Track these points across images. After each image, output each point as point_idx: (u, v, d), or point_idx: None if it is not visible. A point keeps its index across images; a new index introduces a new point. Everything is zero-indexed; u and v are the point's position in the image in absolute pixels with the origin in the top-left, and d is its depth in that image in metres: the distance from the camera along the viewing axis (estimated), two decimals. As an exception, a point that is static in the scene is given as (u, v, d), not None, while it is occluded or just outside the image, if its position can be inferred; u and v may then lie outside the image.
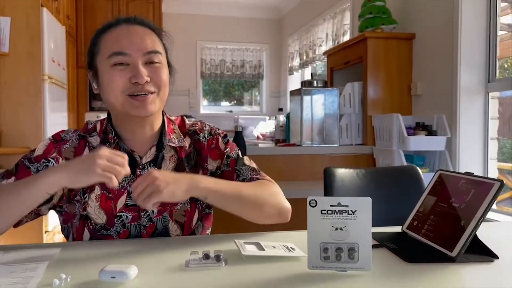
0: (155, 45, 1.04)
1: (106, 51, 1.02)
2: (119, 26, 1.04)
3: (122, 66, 1.00)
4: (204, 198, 0.98)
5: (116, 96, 1.01)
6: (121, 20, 1.05)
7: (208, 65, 6.22)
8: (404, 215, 1.07)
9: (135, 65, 1.00)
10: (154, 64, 1.03)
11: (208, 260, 0.80)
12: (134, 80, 0.99)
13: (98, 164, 0.84)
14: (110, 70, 1.01)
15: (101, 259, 0.85)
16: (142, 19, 1.07)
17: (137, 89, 1.00)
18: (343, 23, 4.34)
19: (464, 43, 2.52)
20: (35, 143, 2.95)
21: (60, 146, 1.06)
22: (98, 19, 4.68)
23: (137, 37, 1.02)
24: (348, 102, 3.02)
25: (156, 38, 1.06)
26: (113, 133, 1.07)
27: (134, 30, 1.03)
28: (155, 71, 1.03)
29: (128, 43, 1.01)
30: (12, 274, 0.75)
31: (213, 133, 1.16)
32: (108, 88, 1.02)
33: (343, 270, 0.76)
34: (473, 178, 0.93)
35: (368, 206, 0.76)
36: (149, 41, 1.03)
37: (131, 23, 1.05)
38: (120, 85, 1.00)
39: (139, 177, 1.03)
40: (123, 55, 1.00)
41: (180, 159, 1.10)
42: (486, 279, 0.77)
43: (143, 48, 1.01)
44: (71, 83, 4.22)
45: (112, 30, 1.04)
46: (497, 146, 2.57)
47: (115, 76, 1.00)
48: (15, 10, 2.97)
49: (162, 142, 1.09)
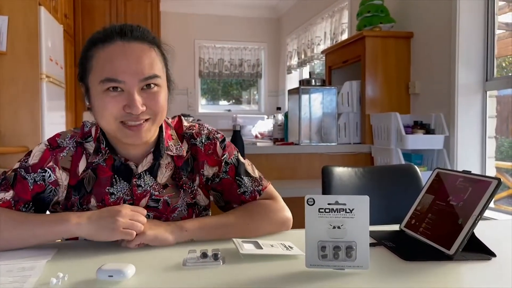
0: (154, 66, 0.94)
1: (98, 72, 0.93)
2: (114, 42, 0.93)
3: (116, 91, 0.92)
4: (191, 240, 0.95)
5: (109, 123, 0.94)
6: (115, 33, 0.94)
7: (206, 64, 6.21)
8: (402, 213, 1.07)
9: (130, 92, 0.91)
10: (151, 89, 0.94)
11: (206, 258, 0.80)
12: (128, 110, 0.92)
13: (121, 224, 0.86)
14: (102, 95, 0.92)
15: (99, 258, 0.85)
16: (140, 31, 0.96)
17: (131, 118, 0.93)
18: (341, 22, 4.34)
19: (462, 42, 2.52)
20: (32, 142, 2.97)
21: (57, 154, 1.00)
22: (96, 18, 4.67)
23: (133, 58, 0.92)
24: (346, 101, 3.02)
25: (155, 55, 0.96)
26: (104, 144, 1.01)
27: (130, 50, 0.93)
28: (152, 98, 0.94)
29: (123, 67, 0.91)
30: (9, 273, 0.75)
31: (211, 137, 1.09)
32: (100, 113, 0.94)
33: (341, 269, 0.76)
34: (470, 176, 0.93)
35: (365, 205, 0.76)
36: (146, 62, 0.93)
37: (127, 40, 0.93)
38: (113, 113, 0.93)
39: (134, 187, 1.02)
40: (117, 82, 0.91)
41: (177, 167, 1.06)
42: (484, 277, 0.77)
43: (140, 74, 0.92)
44: (69, 82, 4.21)
45: (106, 47, 0.93)
46: (495, 145, 2.58)
47: (108, 103, 0.92)
48: (12, 9, 2.96)
49: (159, 150, 1.03)
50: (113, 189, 1.02)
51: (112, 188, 1.01)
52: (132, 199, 1.02)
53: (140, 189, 1.02)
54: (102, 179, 1.01)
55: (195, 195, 1.09)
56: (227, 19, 6.22)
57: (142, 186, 1.03)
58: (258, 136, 3.70)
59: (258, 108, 6.61)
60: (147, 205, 1.03)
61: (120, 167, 1.02)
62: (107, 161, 1.02)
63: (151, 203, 1.04)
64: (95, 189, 1.01)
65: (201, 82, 6.36)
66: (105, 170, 1.02)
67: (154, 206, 1.04)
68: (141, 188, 1.03)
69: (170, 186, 1.05)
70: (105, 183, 1.01)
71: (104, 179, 1.01)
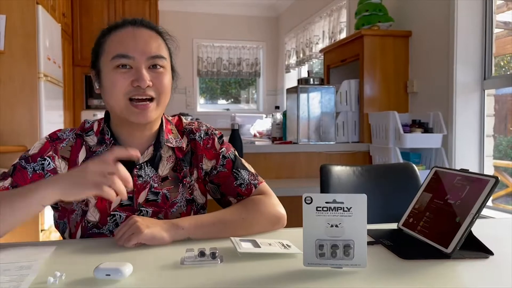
0: (160, 49, 1.03)
1: (110, 52, 1.00)
2: (125, 27, 1.02)
3: (125, 68, 0.99)
4: (188, 238, 0.96)
5: (117, 99, 1.00)
6: (127, 22, 1.04)
7: (204, 63, 6.21)
8: (399, 212, 1.07)
9: (138, 68, 0.99)
10: (157, 69, 1.02)
11: (204, 257, 0.80)
12: (136, 84, 0.98)
13: (90, 178, 0.83)
14: (112, 72, 1.00)
15: (96, 256, 0.85)
16: (148, 22, 1.06)
17: (138, 92, 0.99)
18: (340, 21, 4.34)
19: (460, 41, 2.53)
20: (30, 142, 2.97)
21: (57, 144, 1.05)
22: (94, 17, 4.67)
23: (142, 40, 1.01)
24: (345, 99, 3.02)
25: (161, 42, 1.05)
26: (109, 134, 1.07)
27: (139, 32, 1.02)
28: (157, 76, 1.01)
29: (133, 45, 0.99)
30: (6, 272, 0.75)
31: (209, 133, 1.15)
32: (110, 90, 1.00)
33: (339, 267, 0.77)
34: (468, 174, 0.93)
35: (363, 203, 0.76)
36: (154, 44, 1.02)
37: (137, 26, 1.03)
38: (122, 88, 0.99)
39: (135, 177, 1.05)
40: (127, 58, 0.99)
41: (178, 159, 1.10)
42: (481, 275, 0.77)
43: (148, 52, 1.00)
44: (67, 81, 4.21)
45: (118, 31, 1.02)
46: (493, 144, 2.58)
47: (118, 79, 0.99)
48: (10, 8, 2.96)
49: (160, 142, 1.08)
50: None
51: None
52: (132, 190, 1.05)
53: (140, 179, 1.06)
54: None
55: (193, 190, 1.11)
56: (226, 18, 6.22)
57: (143, 177, 1.06)
58: (256, 135, 3.70)
59: (257, 107, 6.61)
60: (147, 198, 1.06)
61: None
62: None
63: (151, 196, 1.06)
64: None
65: (200, 81, 6.35)
66: None
67: (154, 199, 1.06)
68: (141, 179, 1.06)
69: (170, 179, 1.08)
70: None
71: None
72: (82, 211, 1.04)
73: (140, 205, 1.05)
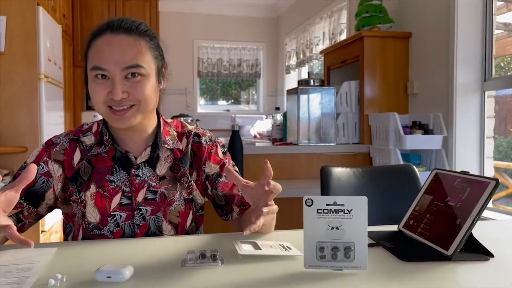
0: (137, 56, 1.00)
1: (90, 61, 1.02)
2: (103, 35, 1.01)
3: (103, 79, 1.00)
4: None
5: (98, 107, 1.03)
6: (105, 28, 1.02)
7: (205, 64, 6.21)
8: (400, 214, 1.07)
9: (112, 80, 1.00)
10: (135, 78, 1.01)
11: (205, 259, 0.80)
12: (111, 96, 1.00)
13: None
14: (92, 81, 1.02)
15: (97, 259, 0.85)
16: (130, 24, 1.03)
17: (114, 103, 1.01)
18: (340, 22, 4.34)
19: (460, 42, 2.53)
20: (31, 143, 2.97)
21: (50, 149, 1.09)
22: (94, 18, 4.67)
23: (117, 50, 0.99)
24: (345, 101, 3.02)
25: (142, 46, 1.02)
26: (107, 135, 1.09)
27: (116, 41, 1.00)
28: (135, 86, 1.00)
29: (107, 57, 0.99)
30: (7, 274, 0.75)
31: (213, 140, 1.20)
32: (92, 98, 1.04)
33: (339, 269, 0.77)
34: (468, 177, 0.93)
35: (364, 205, 0.76)
36: (130, 53, 1.00)
37: (116, 32, 1.01)
38: (100, 97, 1.01)
39: (133, 176, 1.06)
40: (101, 70, 0.99)
41: (176, 159, 1.12)
42: (482, 278, 0.77)
43: (122, 63, 0.99)
44: (67, 82, 4.21)
45: (97, 39, 1.02)
46: (493, 145, 2.58)
47: (96, 89, 1.01)
48: (10, 9, 2.96)
49: (157, 143, 1.11)
50: (113, 177, 1.07)
51: (112, 176, 1.07)
52: (131, 190, 1.07)
53: (138, 178, 1.08)
54: (102, 168, 1.07)
55: (192, 190, 1.13)
56: (226, 19, 6.22)
57: (140, 176, 1.08)
58: (256, 136, 3.70)
59: (257, 108, 6.61)
60: (145, 197, 1.08)
61: (120, 158, 1.09)
62: (108, 153, 1.09)
63: (149, 194, 1.08)
64: (94, 177, 1.07)
65: (200, 82, 6.35)
66: (106, 160, 1.08)
67: (152, 198, 1.08)
68: (139, 178, 1.08)
69: (167, 179, 1.11)
70: (105, 171, 1.07)
71: (105, 168, 1.07)
72: (82, 213, 1.05)
73: (139, 203, 1.07)
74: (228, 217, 1.17)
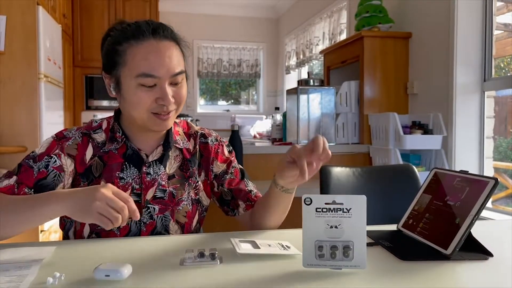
0: (181, 63, 1.04)
1: (134, 67, 1.00)
2: (147, 40, 1.00)
3: (149, 87, 1.00)
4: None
5: (141, 113, 1.03)
6: (147, 32, 1.01)
7: (205, 64, 6.21)
8: (399, 213, 1.07)
9: (162, 87, 1.00)
10: (177, 84, 1.04)
11: (203, 258, 0.80)
12: (161, 102, 1.01)
13: (95, 207, 0.81)
14: (136, 89, 1.00)
15: (96, 257, 0.85)
16: (168, 30, 1.05)
17: (162, 109, 1.02)
18: (340, 22, 4.34)
19: (460, 42, 2.53)
20: (31, 142, 2.97)
21: (63, 143, 1.07)
22: (94, 18, 4.67)
23: (166, 57, 1.01)
24: (345, 101, 3.02)
25: (179, 52, 1.05)
26: (120, 132, 1.09)
27: (163, 47, 1.01)
28: (178, 91, 1.04)
29: (158, 64, 0.99)
30: (6, 273, 0.75)
31: (219, 139, 1.22)
32: (133, 104, 1.02)
33: (338, 268, 0.76)
34: (468, 176, 0.93)
35: (363, 204, 0.76)
36: (175, 59, 1.02)
37: (159, 37, 1.02)
38: (146, 104, 1.01)
39: (144, 174, 1.08)
40: (152, 78, 0.99)
41: (185, 159, 1.14)
42: (481, 277, 0.77)
43: (171, 70, 1.01)
44: (67, 82, 4.21)
45: (140, 44, 1.00)
46: (493, 145, 2.58)
47: (142, 96, 1.01)
48: (10, 9, 2.95)
49: (169, 142, 1.12)
50: (123, 174, 1.08)
51: (122, 173, 1.08)
52: (140, 187, 1.08)
53: (149, 176, 1.08)
54: (113, 165, 1.07)
55: (199, 190, 1.15)
56: (226, 19, 6.23)
57: (151, 174, 1.09)
58: (256, 136, 3.70)
59: (257, 108, 6.61)
60: (154, 195, 1.09)
61: (132, 156, 1.09)
62: (119, 150, 1.09)
63: (158, 193, 1.09)
64: (105, 174, 1.07)
65: (200, 82, 6.36)
66: (116, 157, 1.08)
67: (161, 196, 1.09)
68: (150, 176, 1.09)
69: (176, 178, 1.12)
70: (116, 168, 1.07)
71: (115, 165, 1.07)
72: None
73: (148, 201, 1.08)
74: (234, 213, 1.18)
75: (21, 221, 0.89)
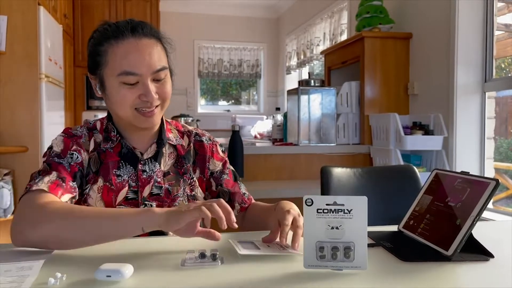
0: (162, 59, 1.05)
1: (115, 67, 1.01)
2: (126, 38, 1.02)
3: (131, 84, 1.02)
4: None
5: (125, 111, 1.04)
6: (126, 31, 1.02)
7: (205, 64, 6.22)
8: (400, 214, 1.07)
9: (144, 84, 1.02)
10: (161, 80, 1.05)
11: (204, 259, 0.80)
12: (144, 99, 1.02)
13: (193, 205, 0.83)
14: (119, 87, 1.02)
15: (97, 257, 0.85)
16: (147, 27, 1.05)
17: (146, 105, 1.04)
18: (341, 23, 4.35)
19: (461, 43, 2.53)
20: (31, 142, 2.97)
21: (77, 139, 1.08)
22: (95, 18, 4.67)
23: (146, 54, 1.02)
24: (345, 101, 3.02)
25: (161, 49, 1.06)
26: (115, 131, 1.11)
27: (142, 45, 1.02)
28: (161, 86, 1.05)
29: (138, 61, 1.01)
30: (7, 273, 0.75)
31: (212, 139, 1.24)
32: (117, 102, 1.04)
33: (339, 269, 0.77)
34: (468, 177, 0.93)
35: (364, 205, 0.76)
36: (156, 56, 1.03)
37: (139, 36, 1.03)
38: (129, 101, 1.03)
39: (140, 171, 1.09)
40: (133, 75, 1.01)
41: (179, 156, 1.16)
42: (482, 278, 0.77)
43: (152, 67, 1.02)
44: (68, 82, 4.21)
45: (120, 43, 1.01)
46: (493, 146, 2.58)
47: (125, 94, 1.02)
48: (11, 9, 2.96)
49: (162, 139, 1.14)
50: (120, 171, 1.09)
51: (119, 170, 1.09)
52: (137, 185, 1.09)
53: (145, 174, 1.10)
54: (109, 163, 1.09)
55: (194, 187, 1.17)
56: (227, 19, 6.23)
57: (147, 172, 1.11)
58: (257, 136, 3.70)
59: (257, 108, 6.61)
60: (151, 192, 1.10)
61: (127, 154, 1.11)
62: (114, 149, 1.10)
63: (155, 190, 1.11)
64: (102, 171, 1.08)
65: (201, 82, 6.36)
66: (112, 155, 1.09)
67: (157, 193, 1.11)
68: (145, 173, 1.10)
69: (171, 174, 1.14)
70: (112, 166, 1.09)
71: (112, 163, 1.09)
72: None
73: (145, 198, 1.09)
74: None
75: (111, 234, 0.87)
